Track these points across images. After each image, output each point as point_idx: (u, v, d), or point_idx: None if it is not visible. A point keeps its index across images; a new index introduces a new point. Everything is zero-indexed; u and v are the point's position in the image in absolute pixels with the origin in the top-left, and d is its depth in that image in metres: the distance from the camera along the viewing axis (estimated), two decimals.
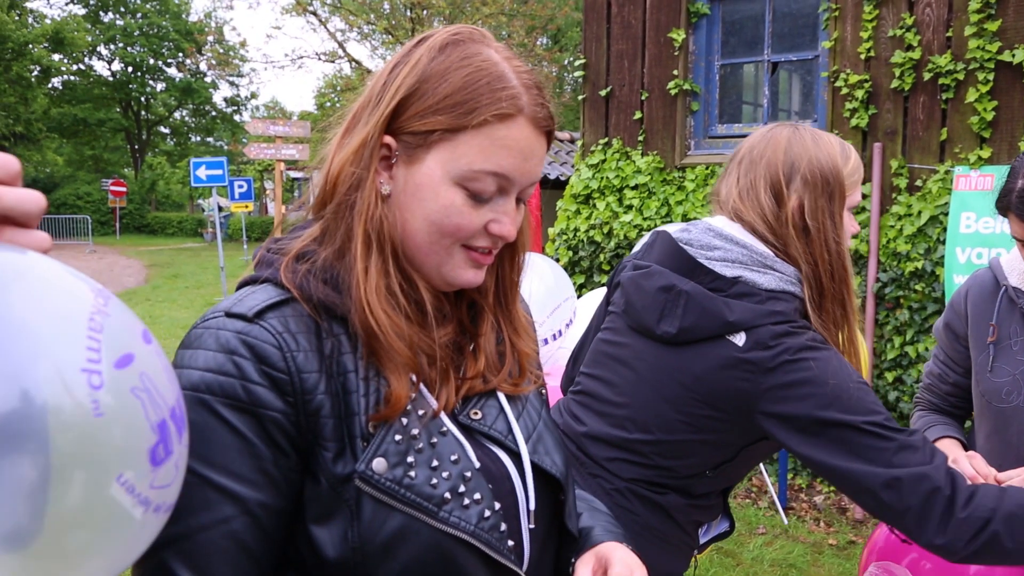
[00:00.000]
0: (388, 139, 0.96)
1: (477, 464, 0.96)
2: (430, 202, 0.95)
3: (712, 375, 1.47)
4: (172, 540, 0.83)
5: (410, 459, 0.91)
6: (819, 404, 1.40)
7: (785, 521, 4.65)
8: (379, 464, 0.89)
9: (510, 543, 0.97)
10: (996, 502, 1.37)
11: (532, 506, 1.02)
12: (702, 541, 1.73)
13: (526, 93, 0.96)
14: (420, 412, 0.95)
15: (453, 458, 0.94)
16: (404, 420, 0.93)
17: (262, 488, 0.87)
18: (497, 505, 0.96)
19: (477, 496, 0.94)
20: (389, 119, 0.95)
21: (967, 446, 1.98)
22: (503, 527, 0.96)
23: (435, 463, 0.93)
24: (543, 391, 1.18)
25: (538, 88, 0.98)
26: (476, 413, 1.02)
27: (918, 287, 4.59)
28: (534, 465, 1.04)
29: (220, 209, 14.78)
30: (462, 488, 0.93)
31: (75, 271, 0.69)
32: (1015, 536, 1.35)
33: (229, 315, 0.90)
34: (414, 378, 0.96)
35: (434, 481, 0.91)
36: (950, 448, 1.95)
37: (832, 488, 4.96)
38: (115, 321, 0.66)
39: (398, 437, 0.91)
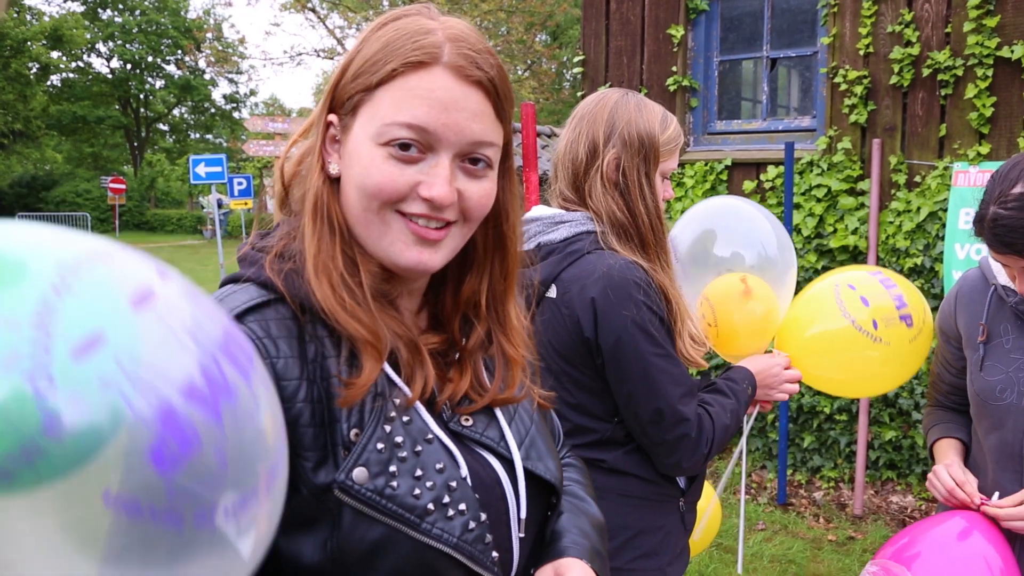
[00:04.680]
0: (331, 117, 0.96)
1: (464, 473, 0.93)
2: (356, 166, 0.92)
3: (552, 334, 1.65)
4: None
5: (392, 468, 0.88)
6: (632, 308, 1.58)
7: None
8: (360, 474, 0.86)
9: (495, 554, 0.94)
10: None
11: (523, 514, 1.00)
12: (683, 484, 1.77)
13: (448, 43, 0.91)
14: (396, 400, 0.92)
15: (438, 467, 0.91)
16: (387, 428, 0.90)
17: None
18: (483, 516, 0.93)
19: (462, 507, 0.91)
20: (331, 99, 0.96)
21: (968, 444, 1.98)
22: (488, 538, 0.93)
23: (419, 472, 0.90)
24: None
25: (465, 40, 0.93)
26: (467, 420, 0.99)
27: (917, 283, 4.59)
28: (527, 471, 1.01)
29: (219, 206, 14.77)
30: (447, 499, 0.90)
31: (38, 235, 0.56)
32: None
33: None
34: (387, 368, 0.93)
35: (417, 491, 0.88)
36: (945, 451, 1.97)
37: (831, 484, 4.97)
38: (80, 297, 0.53)
39: (380, 445, 0.88)
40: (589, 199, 1.69)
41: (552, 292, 1.66)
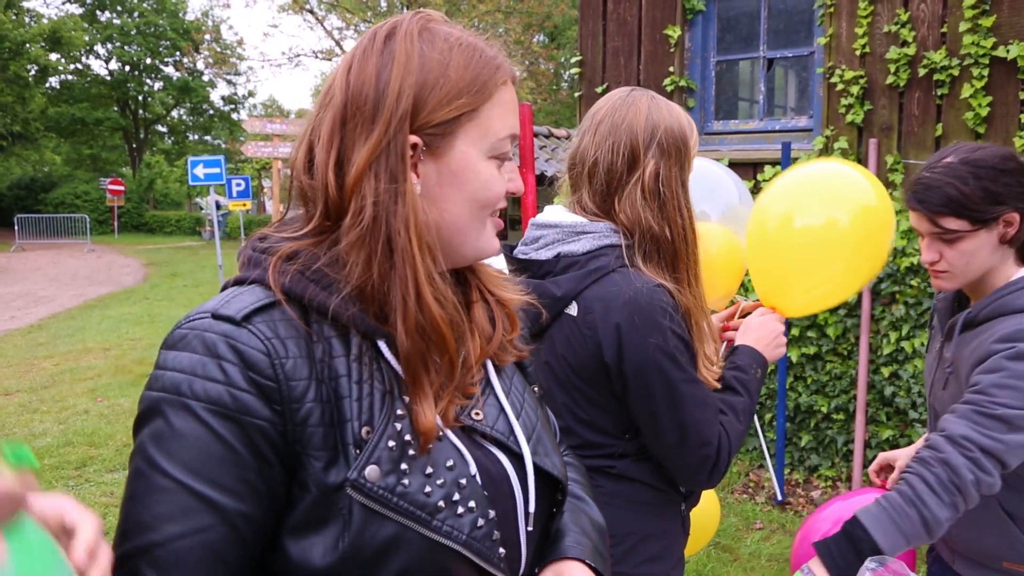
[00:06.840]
0: (414, 138, 0.94)
1: (473, 470, 0.94)
2: (472, 182, 0.98)
3: (569, 351, 1.59)
4: (148, 548, 0.81)
5: (403, 466, 0.88)
6: (657, 338, 1.52)
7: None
8: (372, 472, 0.86)
9: (502, 551, 0.94)
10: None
11: (532, 508, 1.00)
12: (684, 490, 1.76)
13: (506, 59, 1.02)
14: (405, 398, 0.93)
15: (448, 464, 0.92)
16: (398, 426, 0.90)
17: (244, 498, 0.84)
18: (492, 513, 0.94)
19: (472, 504, 0.92)
20: (410, 119, 0.93)
21: None
22: (496, 535, 0.94)
23: (429, 470, 0.90)
24: (536, 389, 1.16)
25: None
26: (477, 413, 1.00)
27: (914, 282, 4.60)
28: (536, 467, 1.02)
29: (218, 207, 14.79)
30: (456, 496, 0.91)
31: None
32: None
33: (216, 316, 0.87)
34: (392, 362, 0.94)
35: (428, 489, 0.89)
36: None
37: (829, 484, 4.98)
38: None
39: (391, 443, 0.89)
40: (621, 210, 1.59)
41: (573, 309, 1.59)
